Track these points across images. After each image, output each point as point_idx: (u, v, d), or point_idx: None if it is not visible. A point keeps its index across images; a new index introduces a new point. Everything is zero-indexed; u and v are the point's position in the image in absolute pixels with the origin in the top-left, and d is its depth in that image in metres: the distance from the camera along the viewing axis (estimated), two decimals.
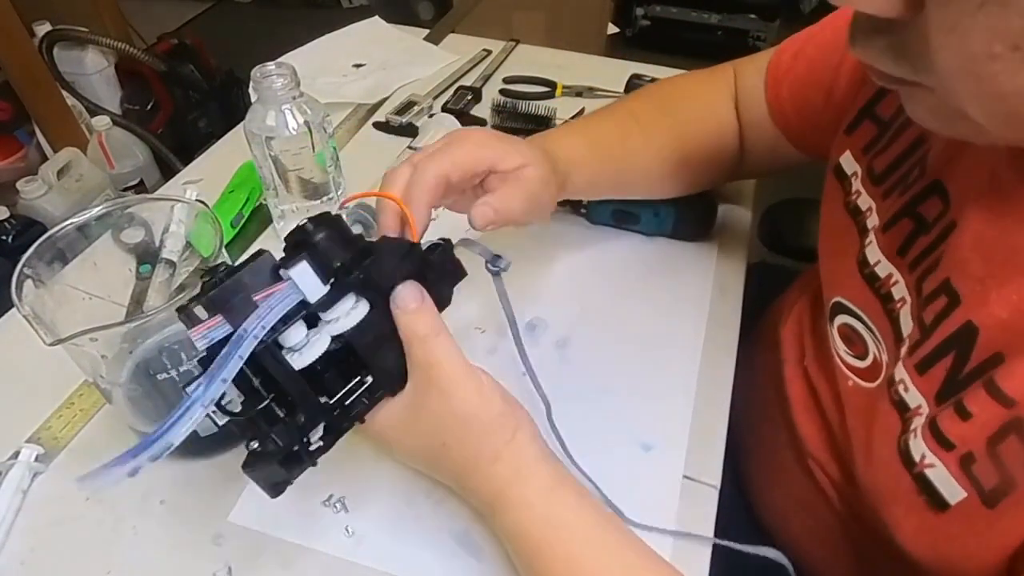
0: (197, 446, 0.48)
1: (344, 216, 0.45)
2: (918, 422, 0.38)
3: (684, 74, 0.68)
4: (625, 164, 0.59)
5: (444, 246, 0.41)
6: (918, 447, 0.37)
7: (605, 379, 0.55)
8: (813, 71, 0.56)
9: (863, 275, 0.47)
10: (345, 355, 0.36)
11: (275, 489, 0.36)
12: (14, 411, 0.52)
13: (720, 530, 0.47)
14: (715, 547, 0.46)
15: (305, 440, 0.35)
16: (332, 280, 0.35)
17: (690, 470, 0.50)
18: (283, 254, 0.35)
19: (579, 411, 0.52)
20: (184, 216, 0.53)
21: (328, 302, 0.35)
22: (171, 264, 0.55)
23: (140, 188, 1.71)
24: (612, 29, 2.04)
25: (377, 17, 1.07)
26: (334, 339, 0.35)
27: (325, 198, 0.64)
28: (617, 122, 0.61)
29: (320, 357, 0.35)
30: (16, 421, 0.51)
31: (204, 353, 0.33)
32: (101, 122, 1.58)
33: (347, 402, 0.37)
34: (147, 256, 0.54)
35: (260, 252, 0.35)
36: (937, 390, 0.37)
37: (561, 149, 0.54)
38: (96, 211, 0.45)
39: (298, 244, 0.35)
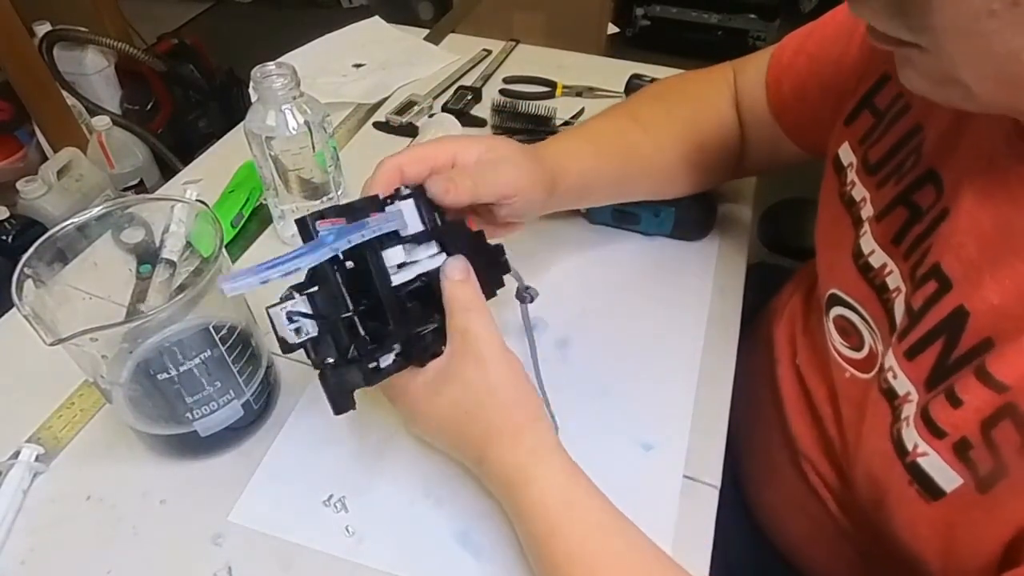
0: (197, 446, 0.48)
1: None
2: (909, 410, 0.38)
3: (683, 74, 0.68)
4: (625, 161, 0.59)
5: (499, 246, 0.48)
6: (910, 436, 0.37)
7: (605, 379, 0.55)
8: (814, 66, 0.56)
9: (857, 266, 0.47)
10: (422, 297, 0.42)
11: (340, 404, 0.39)
12: (14, 411, 0.52)
13: (719, 529, 0.47)
14: (715, 546, 0.46)
15: (376, 360, 0.40)
16: (425, 226, 0.42)
17: (690, 470, 0.50)
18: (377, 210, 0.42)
19: (579, 411, 0.52)
20: (184, 216, 0.53)
21: (417, 241, 0.42)
22: (171, 264, 0.55)
23: (140, 188, 1.71)
24: (612, 29, 2.04)
25: (377, 17, 1.07)
26: (418, 277, 0.42)
27: (325, 198, 0.64)
28: (615, 122, 0.61)
29: (405, 290, 0.41)
30: (16, 421, 0.51)
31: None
32: (101, 122, 1.58)
33: (422, 333, 0.42)
34: (147, 256, 0.54)
35: (374, 198, 0.42)
36: (926, 377, 0.37)
37: (549, 148, 0.54)
38: (96, 211, 0.45)
39: (396, 196, 0.43)
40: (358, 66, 0.96)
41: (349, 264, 0.39)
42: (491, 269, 0.46)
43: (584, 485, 0.41)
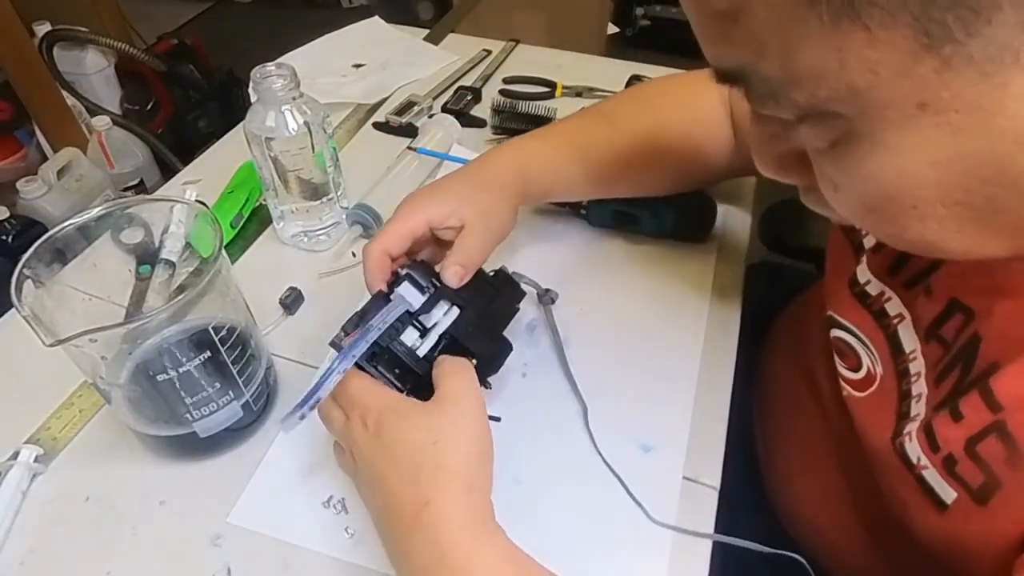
0: (196, 447, 0.48)
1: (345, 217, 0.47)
2: (912, 426, 0.39)
3: (670, 75, 0.68)
4: (590, 159, 0.59)
5: (501, 269, 0.52)
6: (914, 449, 0.38)
7: (605, 379, 0.55)
8: None
9: (854, 293, 0.48)
10: (449, 351, 0.45)
11: None
12: (14, 411, 0.52)
13: (733, 531, 0.46)
14: (717, 548, 0.46)
15: None
16: (428, 294, 0.46)
17: (690, 471, 0.49)
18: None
19: (578, 412, 0.52)
20: (184, 216, 0.53)
21: (427, 307, 0.45)
22: (171, 264, 0.55)
23: (140, 188, 1.71)
24: (612, 29, 2.03)
25: (377, 17, 1.07)
26: (440, 338, 0.46)
27: (325, 198, 0.64)
28: (583, 119, 0.61)
29: (434, 353, 0.45)
30: (16, 421, 0.51)
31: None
32: (101, 122, 1.58)
33: None
34: (147, 256, 0.54)
35: (378, 294, 0.46)
36: (941, 399, 0.38)
37: (513, 153, 0.55)
38: (96, 211, 0.45)
39: (397, 278, 0.46)
40: (358, 66, 0.96)
41: (387, 357, 0.44)
42: (503, 296, 0.50)
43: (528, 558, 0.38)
